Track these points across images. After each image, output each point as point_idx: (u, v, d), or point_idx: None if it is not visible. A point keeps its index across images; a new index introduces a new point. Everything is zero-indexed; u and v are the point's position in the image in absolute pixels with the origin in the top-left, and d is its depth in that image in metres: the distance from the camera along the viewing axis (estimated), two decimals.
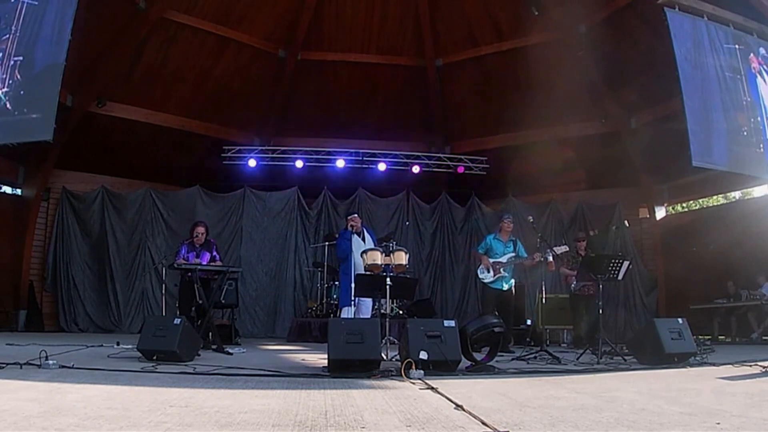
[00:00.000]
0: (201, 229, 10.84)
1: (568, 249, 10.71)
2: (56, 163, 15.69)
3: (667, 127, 12.99)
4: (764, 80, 10.55)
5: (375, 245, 11.09)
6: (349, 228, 10.81)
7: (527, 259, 10.77)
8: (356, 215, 11.23)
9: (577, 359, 8.55)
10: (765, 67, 10.71)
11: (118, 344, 9.64)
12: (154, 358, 7.24)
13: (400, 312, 13.95)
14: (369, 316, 10.66)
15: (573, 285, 11.94)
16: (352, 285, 10.09)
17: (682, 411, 4.14)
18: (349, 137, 17.59)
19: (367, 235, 11.03)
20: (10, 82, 8.89)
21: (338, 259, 11.57)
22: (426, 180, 17.70)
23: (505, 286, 10.82)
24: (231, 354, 9.02)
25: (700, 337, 11.03)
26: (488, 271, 10.71)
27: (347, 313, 10.66)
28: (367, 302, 10.75)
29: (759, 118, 10.44)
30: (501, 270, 10.65)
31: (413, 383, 5.72)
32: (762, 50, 10.67)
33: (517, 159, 16.43)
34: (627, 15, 13.86)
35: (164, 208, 16.57)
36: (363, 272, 10.21)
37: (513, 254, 10.78)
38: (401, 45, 17.19)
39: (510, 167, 16.57)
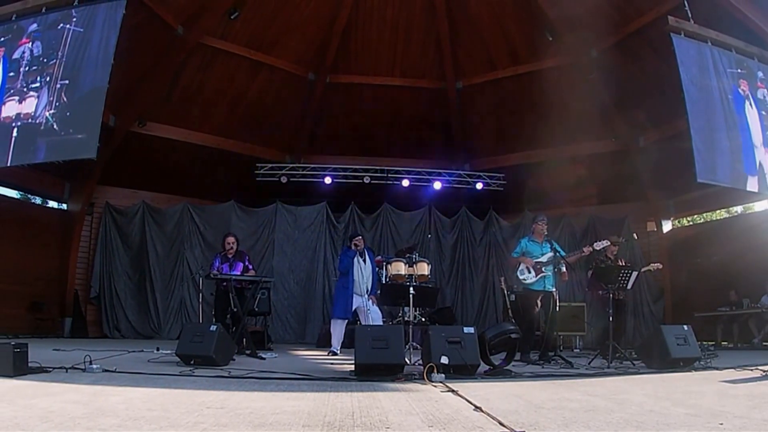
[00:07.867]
0: (231, 240, 10.83)
1: (609, 243, 10.23)
2: (100, 179, 15.92)
3: (673, 145, 12.98)
4: (751, 104, 10.44)
5: (373, 265, 11.13)
6: (353, 248, 10.83)
7: (571, 255, 9.69)
8: (361, 237, 11.13)
9: (589, 364, 8.55)
10: (765, 89, 10.64)
11: (158, 349, 9.67)
12: (192, 362, 7.28)
13: (423, 319, 13.91)
14: (380, 323, 10.65)
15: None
16: (351, 299, 10.27)
17: (688, 412, 4.14)
18: (375, 155, 17.70)
19: (367, 256, 11.00)
20: (57, 104, 8.97)
21: (339, 272, 11.46)
22: (447, 195, 17.72)
23: (549, 287, 9.46)
24: (264, 359, 9.07)
25: (704, 342, 10.94)
26: (529, 272, 9.43)
27: (339, 325, 10.72)
28: (376, 310, 10.71)
29: (742, 140, 10.28)
30: (543, 269, 9.37)
31: (435, 386, 5.74)
32: (760, 74, 10.61)
33: (533, 176, 16.43)
34: (636, 40, 13.83)
35: (201, 222, 16.68)
36: (359, 290, 10.40)
37: (551, 254, 9.41)
38: (424, 69, 17.22)
39: (526, 183, 16.59)
